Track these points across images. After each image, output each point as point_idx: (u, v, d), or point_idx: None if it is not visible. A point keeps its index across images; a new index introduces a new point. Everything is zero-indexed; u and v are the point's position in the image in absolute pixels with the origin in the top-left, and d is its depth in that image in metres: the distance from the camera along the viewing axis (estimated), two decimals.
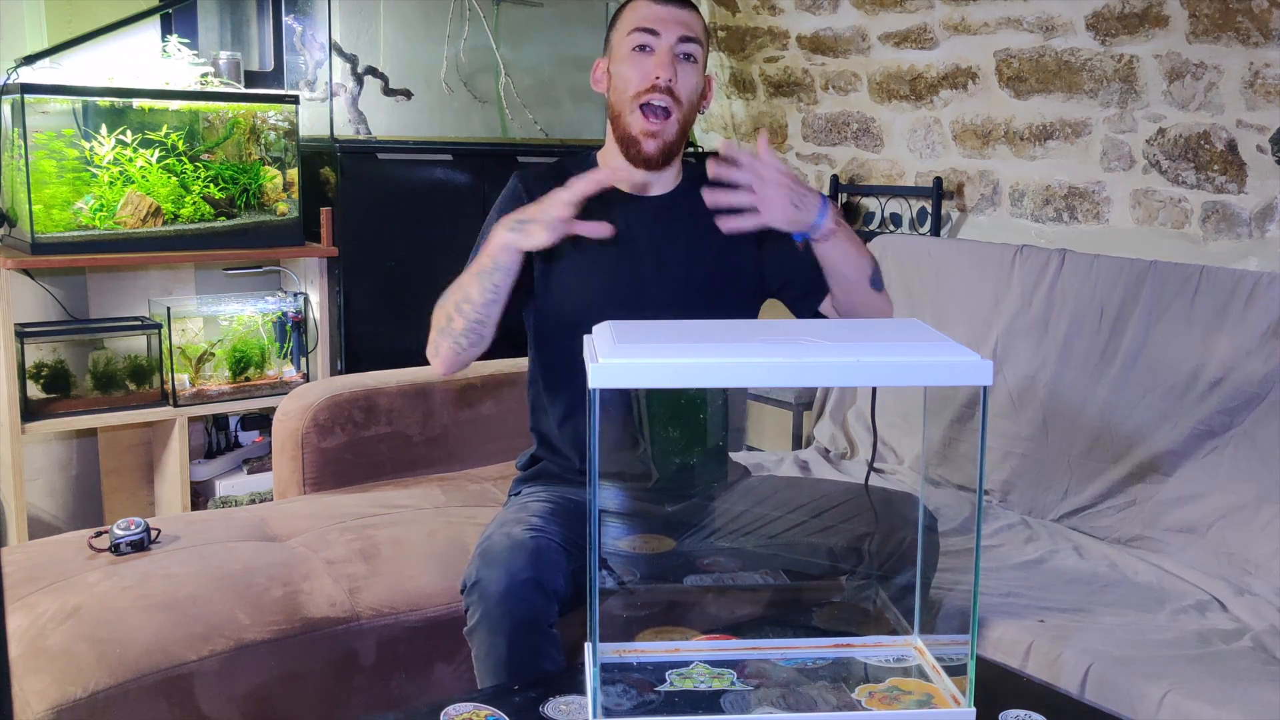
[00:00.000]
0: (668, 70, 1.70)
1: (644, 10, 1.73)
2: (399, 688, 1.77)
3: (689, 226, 1.78)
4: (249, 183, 2.90)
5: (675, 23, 1.72)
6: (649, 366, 1.16)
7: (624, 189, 1.79)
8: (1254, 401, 2.15)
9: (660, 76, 1.70)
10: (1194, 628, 1.85)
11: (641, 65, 1.71)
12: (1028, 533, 2.30)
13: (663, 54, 1.71)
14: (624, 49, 1.73)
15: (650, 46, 1.71)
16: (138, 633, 1.60)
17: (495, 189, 1.87)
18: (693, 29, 1.73)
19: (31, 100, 2.58)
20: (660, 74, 1.70)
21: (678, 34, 1.71)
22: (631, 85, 1.72)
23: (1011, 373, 2.52)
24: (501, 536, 1.56)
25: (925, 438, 2.61)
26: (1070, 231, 2.79)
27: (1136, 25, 2.54)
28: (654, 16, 1.72)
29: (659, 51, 1.71)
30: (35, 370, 2.74)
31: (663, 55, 1.71)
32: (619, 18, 1.77)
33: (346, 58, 3.21)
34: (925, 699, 1.30)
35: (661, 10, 1.72)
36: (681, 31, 1.71)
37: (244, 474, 3.07)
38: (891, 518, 1.70)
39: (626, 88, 1.73)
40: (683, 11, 1.74)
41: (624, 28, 1.75)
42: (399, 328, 3.04)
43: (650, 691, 1.30)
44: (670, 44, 1.71)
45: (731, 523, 1.78)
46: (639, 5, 1.74)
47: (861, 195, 3.31)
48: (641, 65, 1.71)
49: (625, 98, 1.73)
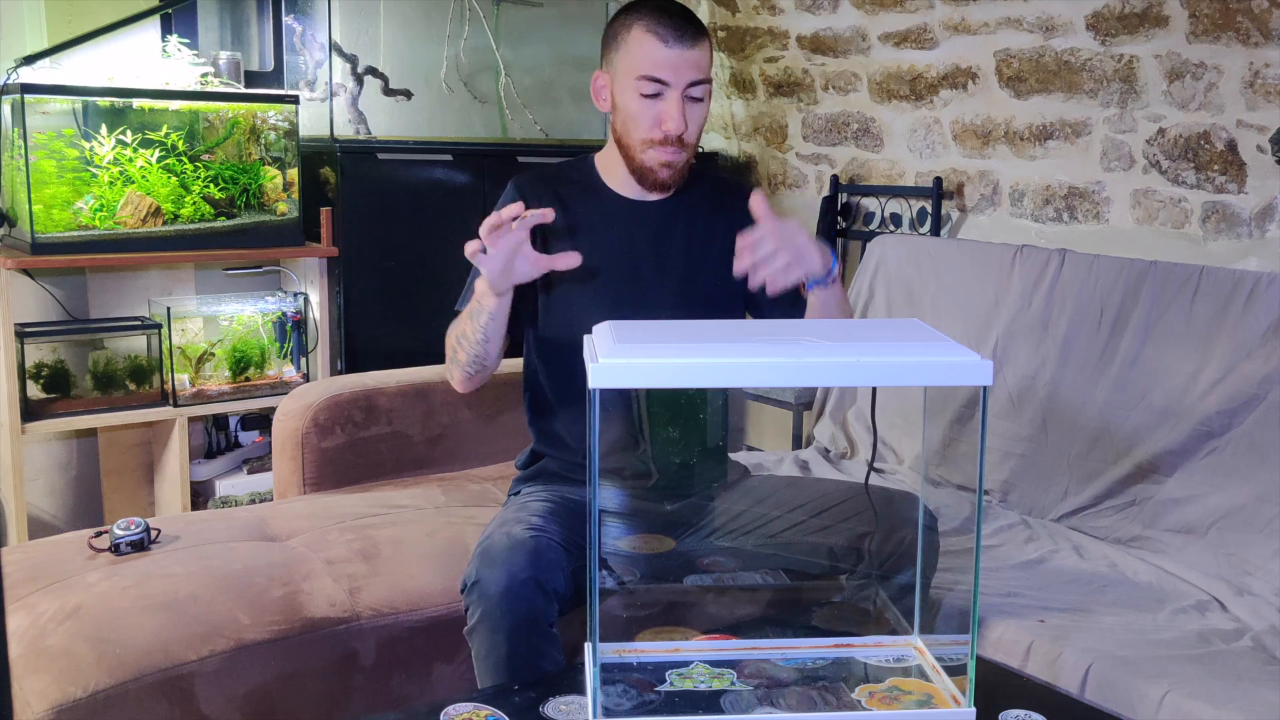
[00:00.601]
0: (678, 122, 1.67)
1: (654, 54, 1.65)
2: (399, 688, 1.77)
3: (688, 232, 1.79)
4: (249, 183, 2.90)
5: (686, 67, 1.66)
6: (649, 366, 1.16)
7: (625, 195, 1.79)
8: (1254, 402, 2.14)
9: (671, 129, 1.67)
10: (1194, 628, 1.85)
11: (651, 111, 1.67)
12: (1028, 533, 2.30)
13: (673, 105, 1.66)
14: (631, 88, 1.68)
15: (661, 94, 1.67)
16: (138, 633, 1.60)
17: (495, 189, 1.87)
18: (701, 68, 1.67)
19: (31, 100, 2.58)
20: (671, 127, 1.67)
21: (687, 80, 1.66)
22: (641, 130, 1.69)
23: (1011, 373, 2.52)
24: (501, 536, 1.56)
25: (925, 438, 2.61)
26: (1070, 231, 2.79)
27: (1136, 25, 2.54)
28: (665, 63, 1.65)
29: (669, 101, 1.66)
30: (35, 370, 2.74)
31: (673, 106, 1.66)
32: (622, 41, 1.69)
33: (346, 58, 3.22)
34: (925, 699, 1.30)
35: (673, 55, 1.65)
36: (691, 76, 1.66)
37: (244, 474, 3.07)
38: (891, 517, 1.70)
39: (635, 129, 1.70)
40: (692, 52, 1.66)
41: (630, 64, 1.67)
42: (399, 328, 3.04)
43: (650, 691, 1.30)
44: (680, 92, 1.66)
45: (731, 522, 1.78)
46: (647, 42, 1.65)
47: (861, 195, 3.31)
48: (651, 111, 1.67)
49: (634, 138, 1.71)
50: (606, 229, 1.77)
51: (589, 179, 1.81)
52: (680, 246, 1.78)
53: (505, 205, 1.78)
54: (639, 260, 1.76)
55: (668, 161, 1.71)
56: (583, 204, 1.78)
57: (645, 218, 1.78)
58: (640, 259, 1.76)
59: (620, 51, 1.70)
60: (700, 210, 1.81)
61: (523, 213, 1.52)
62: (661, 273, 1.77)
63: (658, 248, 1.77)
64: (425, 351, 2.76)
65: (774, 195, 3.61)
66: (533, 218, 1.53)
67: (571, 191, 1.79)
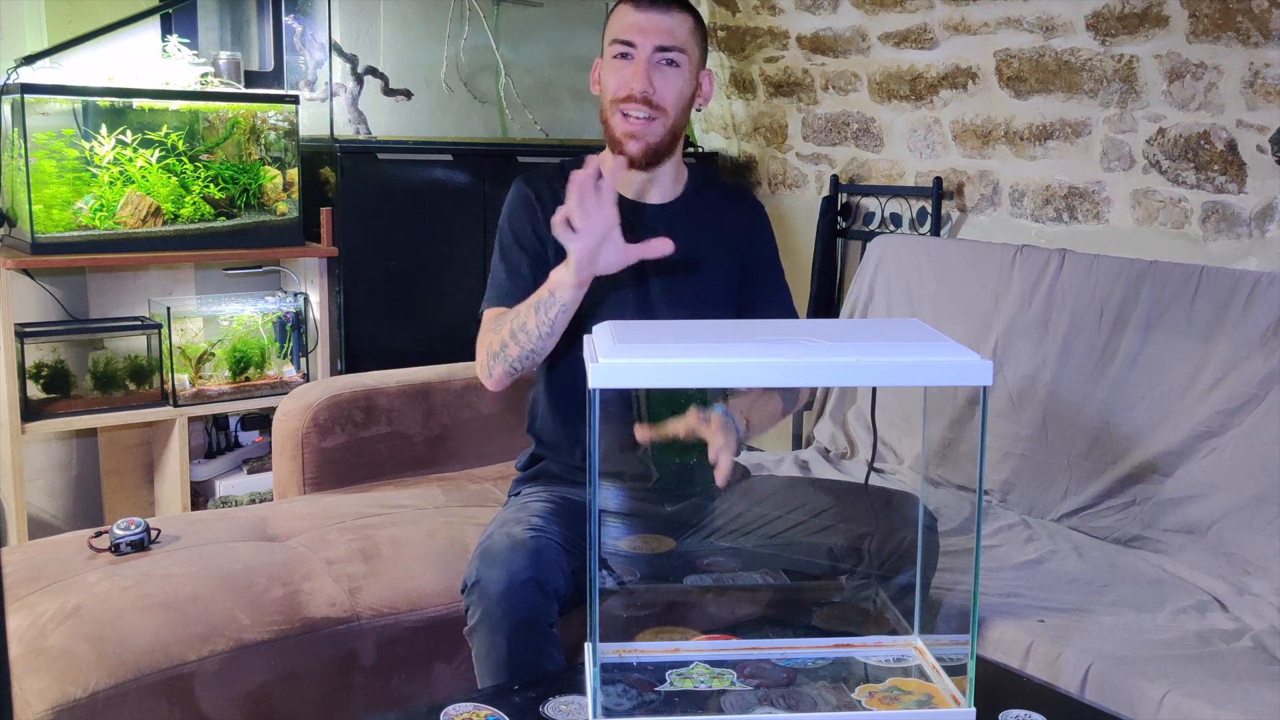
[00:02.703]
0: (642, 81, 1.70)
1: (626, 18, 1.73)
2: (399, 688, 1.77)
3: (689, 235, 1.78)
4: (249, 183, 2.90)
5: (655, 31, 1.71)
6: (649, 366, 1.16)
7: (626, 195, 1.79)
8: (1253, 402, 2.14)
9: (635, 88, 1.70)
10: (1194, 628, 1.85)
11: (620, 73, 1.72)
12: (1028, 533, 2.30)
13: (639, 64, 1.71)
14: (608, 55, 1.75)
15: (630, 55, 1.72)
16: (138, 633, 1.60)
17: (495, 189, 1.87)
18: (674, 35, 1.72)
19: (31, 100, 2.58)
20: (635, 85, 1.70)
21: (654, 43, 1.70)
22: (609, 92, 1.74)
23: (1011, 373, 2.52)
24: (502, 536, 1.56)
25: (925, 438, 2.61)
26: (1070, 231, 2.79)
27: (1136, 25, 2.54)
28: (633, 26, 1.72)
29: (636, 61, 1.71)
30: (35, 370, 2.74)
31: (639, 65, 1.71)
32: (608, 21, 1.78)
33: (346, 58, 3.22)
34: (925, 699, 1.30)
35: (641, 19, 1.72)
36: (659, 40, 1.71)
37: (244, 474, 3.07)
38: (891, 518, 1.70)
39: (606, 93, 1.75)
40: (664, 17, 1.72)
41: (609, 34, 1.75)
42: (399, 328, 3.04)
43: (650, 691, 1.30)
44: (647, 54, 1.71)
45: (731, 523, 1.78)
46: (623, 11, 1.74)
47: (861, 195, 3.31)
48: (620, 73, 1.72)
49: (606, 102, 1.75)
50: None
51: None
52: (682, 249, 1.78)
53: (522, 207, 1.78)
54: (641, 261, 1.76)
55: (634, 132, 1.72)
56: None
57: (646, 219, 1.78)
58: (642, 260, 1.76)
59: (605, 29, 1.77)
60: (701, 213, 1.81)
61: (599, 173, 1.46)
62: (662, 274, 1.77)
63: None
64: (425, 351, 2.76)
65: (774, 195, 3.61)
66: (609, 192, 1.48)
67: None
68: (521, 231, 1.77)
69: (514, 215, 1.79)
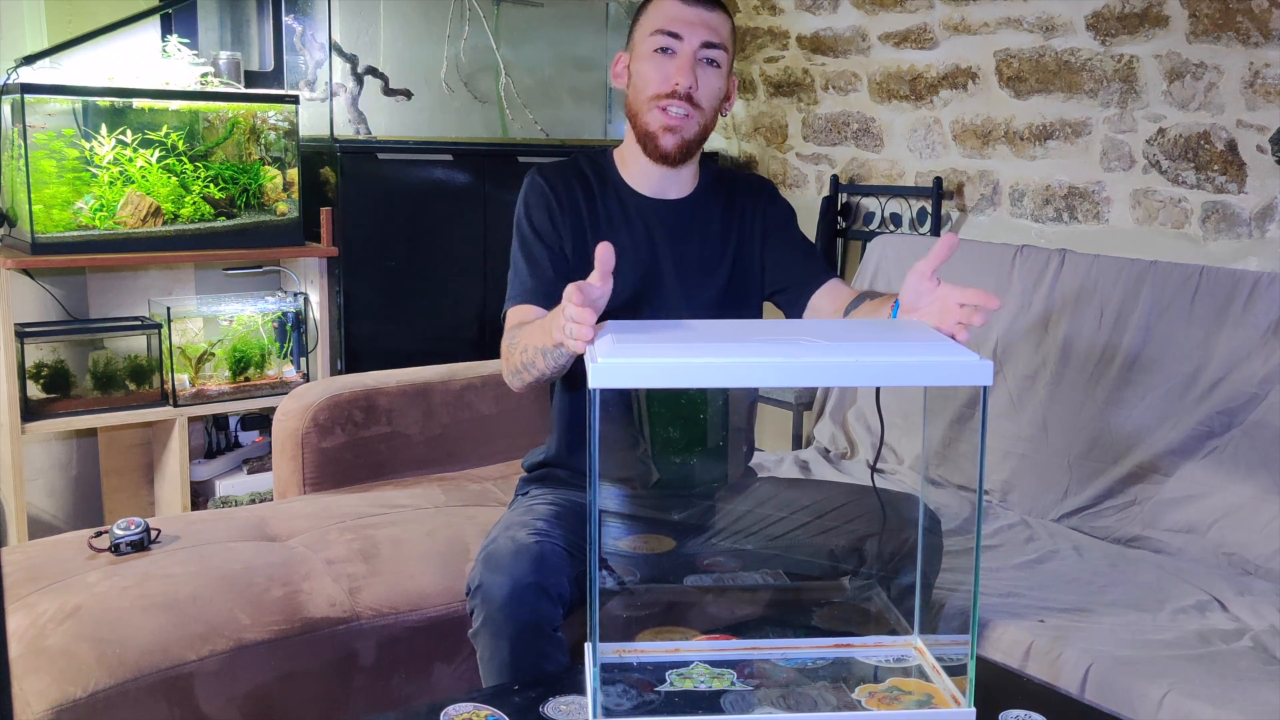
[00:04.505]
0: (688, 77, 1.66)
1: (670, 10, 1.68)
2: (399, 688, 1.77)
3: (705, 231, 1.78)
4: (249, 183, 2.90)
5: (701, 25, 1.67)
6: (649, 366, 1.16)
7: (644, 193, 1.78)
8: (1254, 401, 2.14)
9: (680, 83, 1.67)
10: (1194, 628, 1.85)
11: (662, 68, 1.68)
12: (1028, 533, 2.30)
13: (684, 59, 1.67)
14: (646, 47, 1.69)
15: (672, 49, 1.67)
16: (138, 633, 1.60)
17: (495, 189, 1.86)
18: (718, 33, 1.69)
19: (31, 100, 2.58)
20: (680, 80, 1.67)
21: (701, 38, 1.67)
22: (651, 86, 1.69)
23: (1011, 373, 2.52)
24: (506, 540, 1.56)
25: (925, 438, 2.61)
26: (1070, 231, 2.79)
27: (1136, 25, 2.54)
28: (679, 18, 1.67)
29: (681, 56, 1.67)
30: (35, 370, 2.74)
31: (684, 60, 1.67)
32: (644, 12, 1.73)
33: (346, 58, 3.22)
34: (925, 699, 1.30)
35: (688, 11, 1.67)
36: (705, 36, 1.67)
37: (244, 474, 3.07)
38: (892, 518, 1.70)
39: (646, 87, 1.70)
40: (710, 14, 1.69)
41: (648, 25, 1.70)
42: (399, 328, 3.04)
43: (650, 691, 1.30)
44: (693, 49, 1.67)
45: (732, 523, 1.78)
46: (665, 3, 1.69)
47: (861, 195, 3.30)
48: (662, 68, 1.68)
49: (644, 97, 1.70)
50: (625, 226, 1.75)
51: (607, 174, 1.80)
52: (697, 245, 1.77)
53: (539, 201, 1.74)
54: (657, 258, 1.75)
55: (672, 126, 1.68)
56: (601, 200, 1.77)
57: (663, 215, 1.77)
58: (658, 256, 1.75)
59: (641, 21, 1.73)
60: (718, 208, 1.80)
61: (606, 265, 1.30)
62: (679, 271, 1.76)
63: (675, 245, 1.76)
64: (425, 351, 2.76)
65: None
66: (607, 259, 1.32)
67: (590, 186, 1.78)
68: (541, 225, 1.74)
69: (532, 208, 1.75)
